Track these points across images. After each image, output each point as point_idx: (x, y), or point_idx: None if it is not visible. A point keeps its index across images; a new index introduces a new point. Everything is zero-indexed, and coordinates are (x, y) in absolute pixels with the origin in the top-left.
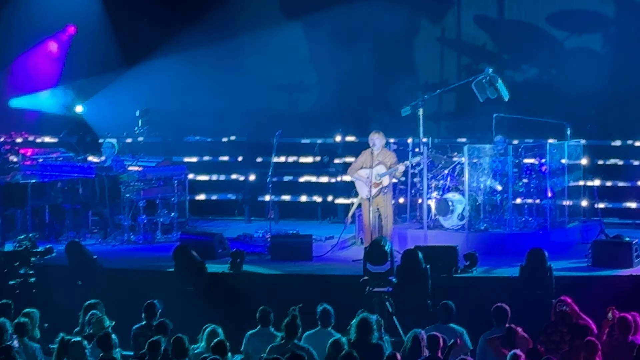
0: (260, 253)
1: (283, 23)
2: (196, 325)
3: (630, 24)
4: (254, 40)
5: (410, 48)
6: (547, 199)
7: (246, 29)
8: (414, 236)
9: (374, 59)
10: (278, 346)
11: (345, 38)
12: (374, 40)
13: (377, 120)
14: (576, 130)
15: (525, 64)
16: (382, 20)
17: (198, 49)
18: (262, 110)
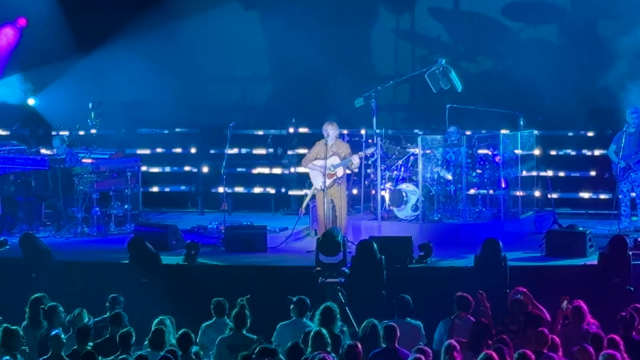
0: (215, 245)
1: (238, 14)
2: (151, 316)
3: (585, 15)
4: (208, 32)
5: (365, 39)
6: (500, 190)
7: (201, 19)
8: (368, 227)
9: (329, 50)
10: (227, 337)
11: (300, 30)
12: (329, 31)
13: (332, 111)
14: (529, 120)
15: (480, 55)
16: (337, 11)
17: (150, 40)
18: (216, 102)
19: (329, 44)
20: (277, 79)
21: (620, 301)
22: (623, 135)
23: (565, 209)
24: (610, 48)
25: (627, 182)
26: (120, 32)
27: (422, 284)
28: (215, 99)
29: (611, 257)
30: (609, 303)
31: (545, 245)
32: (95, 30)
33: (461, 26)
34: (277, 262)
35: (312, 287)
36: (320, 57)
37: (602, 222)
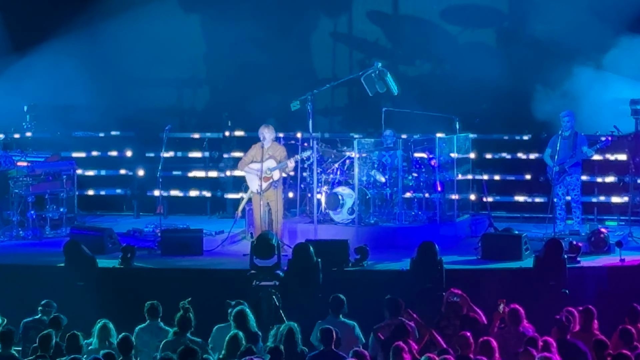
0: (151, 248)
1: (176, 17)
2: (87, 320)
3: (523, 19)
4: (145, 35)
5: (304, 43)
6: (436, 193)
7: (138, 23)
8: (304, 230)
9: (268, 53)
10: (172, 341)
11: (238, 33)
12: (268, 34)
13: (271, 114)
14: (466, 124)
15: (418, 59)
16: (276, 14)
17: (85, 42)
18: (153, 105)
19: (267, 47)
20: (214, 82)
21: (556, 304)
22: (558, 139)
23: (501, 213)
24: (547, 52)
25: (562, 185)
26: (55, 33)
27: (359, 287)
28: (151, 102)
29: (547, 260)
30: (545, 306)
31: (481, 249)
32: (30, 32)
33: (400, 30)
34: (213, 265)
35: (247, 290)
36: (258, 60)
37: (537, 225)
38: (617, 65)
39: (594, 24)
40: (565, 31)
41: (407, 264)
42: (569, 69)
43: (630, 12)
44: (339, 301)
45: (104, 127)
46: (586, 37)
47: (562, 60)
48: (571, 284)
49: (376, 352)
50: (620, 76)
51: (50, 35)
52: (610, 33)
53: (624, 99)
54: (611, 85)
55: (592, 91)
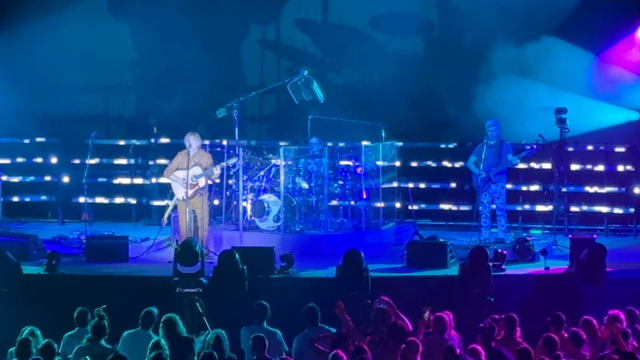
0: (76, 254)
1: (106, 25)
2: (12, 327)
3: (452, 28)
4: (73, 42)
5: (233, 50)
6: (362, 201)
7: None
8: (229, 237)
9: (196, 60)
10: (85, 347)
11: (167, 40)
12: (197, 41)
13: (198, 122)
14: (392, 132)
15: (347, 67)
16: (206, 21)
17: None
18: (78, 111)
19: (196, 55)
20: (141, 89)
21: (481, 312)
22: (483, 147)
23: (426, 221)
24: (474, 61)
25: (487, 193)
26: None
27: (284, 294)
28: (78, 108)
29: (472, 268)
30: (470, 313)
31: (407, 256)
32: None
33: (329, 38)
34: (138, 272)
35: (171, 297)
36: (187, 67)
37: (462, 233)
38: (543, 74)
39: (521, 33)
40: (493, 40)
41: (333, 272)
42: (496, 77)
43: (555, 19)
44: (263, 308)
45: (29, 134)
46: (513, 46)
47: (489, 69)
48: (496, 292)
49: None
50: (546, 85)
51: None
52: (537, 41)
53: (549, 108)
54: (537, 94)
55: (517, 100)
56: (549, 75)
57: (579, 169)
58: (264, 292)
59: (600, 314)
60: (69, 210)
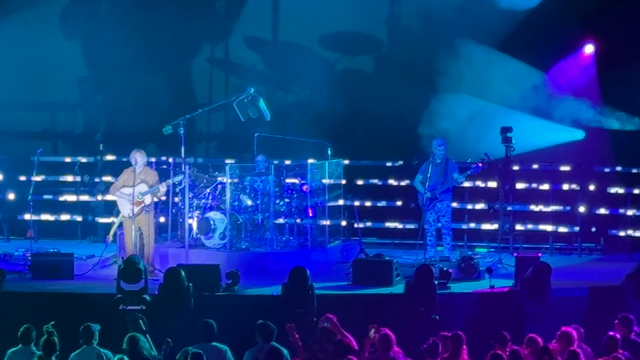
0: (21, 272)
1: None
2: None
3: (401, 46)
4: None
5: (184, 67)
6: (308, 219)
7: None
8: (175, 255)
9: (146, 78)
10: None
11: (117, 56)
12: (147, 59)
13: (148, 139)
14: (338, 150)
15: (296, 85)
16: (157, 38)
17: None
18: (24, 128)
19: (146, 71)
20: (87, 107)
21: (426, 329)
22: (429, 166)
23: (372, 239)
24: (422, 80)
25: (433, 212)
26: None
27: (230, 311)
28: (24, 125)
29: (417, 286)
30: (416, 331)
31: (352, 274)
32: None
33: (278, 56)
34: (84, 289)
35: (115, 314)
36: (137, 84)
37: (408, 251)
38: (490, 92)
39: (468, 51)
40: (441, 58)
41: (279, 289)
42: (443, 96)
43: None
44: (209, 326)
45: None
46: (461, 65)
47: (436, 88)
48: (441, 310)
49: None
50: (493, 103)
51: None
52: (484, 59)
53: (495, 126)
54: (483, 112)
55: (464, 118)
56: (495, 93)
57: (524, 187)
58: (210, 309)
59: (545, 332)
60: (15, 227)
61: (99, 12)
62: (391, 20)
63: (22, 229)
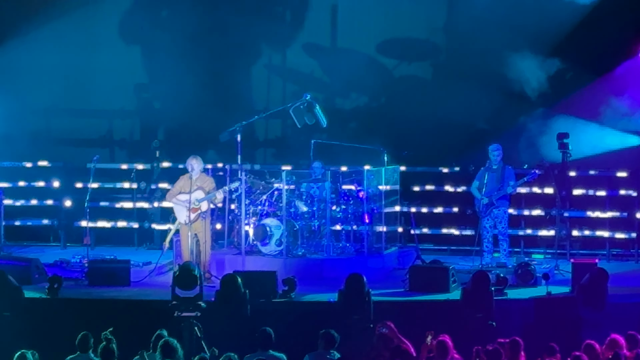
0: (78, 278)
1: (115, 49)
2: (13, 350)
3: (459, 52)
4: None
5: (241, 74)
6: (364, 225)
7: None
8: (232, 261)
9: (203, 84)
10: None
11: (174, 64)
12: (205, 66)
13: (208, 145)
14: (395, 156)
15: (354, 91)
16: (213, 46)
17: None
18: (82, 135)
19: (204, 78)
20: (145, 114)
21: (483, 336)
22: (486, 172)
23: (429, 245)
24: (479, 86)
25: (490, 218)
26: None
27: (287, 318)
28: (81, 132)
29: (474, 292)
30: (472, 337)
31: (409, 281)
32: None
33: (337, 63)
34: (140, 296)
35: (171, 321)
36: (194, 90)
37: (464, 257)
38: (546, 98)
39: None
40: (498, 65)
41: (335, 296)
42: (500, 102)
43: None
44: (267, 335)
45: (31, 158)
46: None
47: (493, 94)
48: (498, 316)
49: None
50: (548, 109)
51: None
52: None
53: (552, 132)
54: (540, 118)
55: (521, 124)
56: (551, 99)
57: (581, 193)
58: (266, 316)
59: (602, 338)
60: (71, 234)
61: (159, 19)
62: (449, 26)
63: (78, 236)
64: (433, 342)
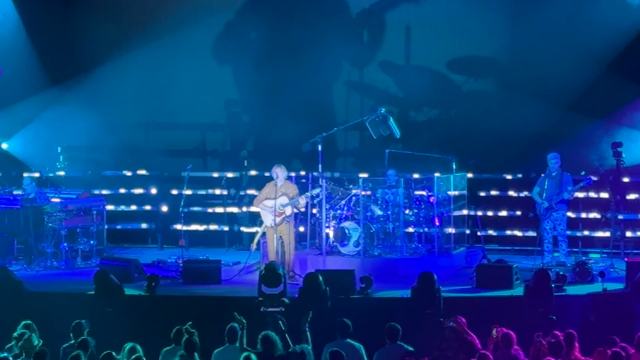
0: (173, 277)
1: (208, 68)
2: (116, 343)
3: (521, 68)
4: (173, 83)
5: (324, 90)
6: (434, 227)
7: (172, 71)
8: (314, 261)
9: (288, 99)
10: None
11: (262, 81)
12: (289, 82)
13: (289, 155)
14: (463, 164)
15: (426, 105)
16: (299, 63)
17: (117, 88)
18: (178, 146)
19: (290, 92)
20: (233, 127)
21: (544, 329)
22: (545, 179)
23: (494, 245)
24: (541, 98)
25: (550, 221)
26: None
27: (364, 313)
28: (176, 144)
29: (535, 288)
30: (534, 330)
31: (476, 278)
32: (64, 70)
33: (410, 79)
34: (230, 292)
35: (257, 315)
36: (280, 104)
37: (527, 257)
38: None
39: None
40: (557, 78)
41: (408, 292)
42: (558, 114)
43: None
44: (345, 325)
45: (131, 167)
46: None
47: (552, 107)
48: (558, 311)
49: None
50: (602, 120)
51: (85, 78)
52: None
53: (608, 142)
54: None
55: (578, 133)
56: (606, 110)
57: (634, 197)
58: (345, 311)
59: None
60: (167, 237)
61: (248, 41)
62: (511, 44)
63: (174, 238)
64: (498, 335)
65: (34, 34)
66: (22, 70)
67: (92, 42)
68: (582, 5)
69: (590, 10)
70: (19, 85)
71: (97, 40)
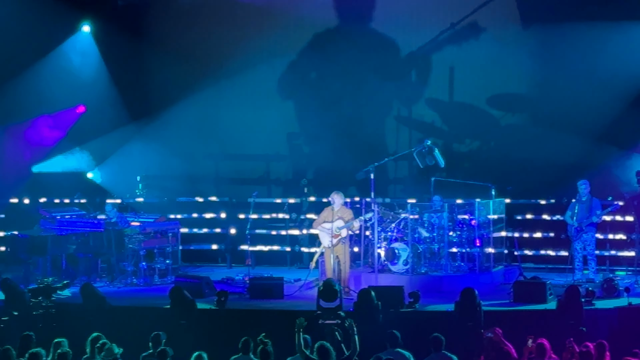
0: (241, 293)
1: (272, 103)
2: (189, 352)
3: (552, 104)
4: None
5: (374, 124)
6: (475, 248)
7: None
8: (367, 278)
9: (345, 132)
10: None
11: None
12: (345, 117)
13: (346, 182)
14: (500, 190)
15: (468, 137)
16: (354, 100)
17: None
18: (244, 175)
19: (346, 126)
20: (295, 157)
21: (574, 339)
22: (576, 204)
23: (529, 264)
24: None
25: (580, 241)
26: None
27: (412, 325)
28: (243, 173)
29: (567, 303)
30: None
31: (513, 293)
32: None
33: (454, 113)
34: (292, 307)
35: (316, 327)
36: (337, 137)
37: (559, 274)
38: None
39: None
40: (587, 112)
41: (452, 306)
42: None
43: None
44: (394, 336)
45: (202, 194)
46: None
47: (582, 138)
48: (587, 323)
49: None
50: (630, 150)
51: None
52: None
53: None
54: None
55: (605, 163)
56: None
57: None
58: (395, 323)
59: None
60: (235, 256)
61: (309, 79)
62: (545, 83)
63: (241, 257)
64: (533, 345)
65: (113, 73)
66: (104, 107)
67: (166, 80)
68: (607, 44)
69: (614, 50)
70: (101, 120)
71: (171, 79)
